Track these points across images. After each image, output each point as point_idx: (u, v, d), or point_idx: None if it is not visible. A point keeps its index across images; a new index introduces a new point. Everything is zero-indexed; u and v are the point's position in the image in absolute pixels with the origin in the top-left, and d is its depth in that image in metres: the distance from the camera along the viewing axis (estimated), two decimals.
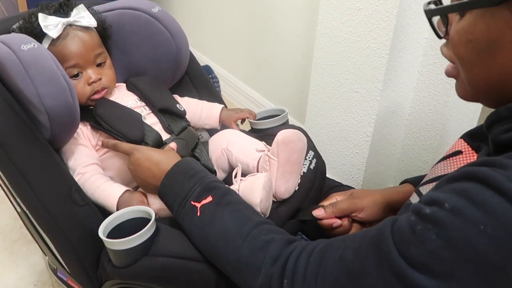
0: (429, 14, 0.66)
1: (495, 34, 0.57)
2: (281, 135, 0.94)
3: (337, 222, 0.93)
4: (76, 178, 1.01)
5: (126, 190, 0.99)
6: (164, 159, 0.93)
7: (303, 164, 1.03)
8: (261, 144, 1.05)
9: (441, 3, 0.65)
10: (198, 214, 0.82)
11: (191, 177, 0.87)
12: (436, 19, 0.66)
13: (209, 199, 0.83)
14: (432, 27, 0.67)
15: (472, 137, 0.78)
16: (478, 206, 0.51)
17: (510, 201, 0.49)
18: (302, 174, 1.01)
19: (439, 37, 0.66)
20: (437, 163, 0.80)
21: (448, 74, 0.69)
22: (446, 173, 0.74)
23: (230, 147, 1.10)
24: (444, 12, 0.64)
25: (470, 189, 0.52)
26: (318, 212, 0.94)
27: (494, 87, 0.61)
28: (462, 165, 0.70)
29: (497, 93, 0.61)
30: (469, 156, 0.74)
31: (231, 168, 1.12)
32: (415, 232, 0.54)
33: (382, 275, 0.56)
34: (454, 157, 0.77)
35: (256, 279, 0.72)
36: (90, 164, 1.03)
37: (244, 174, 0.97)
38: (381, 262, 0.57)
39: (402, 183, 1.03)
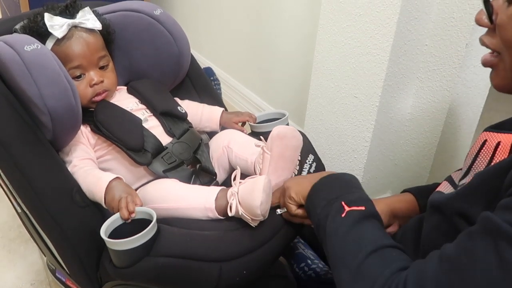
0: None
1: None
2: (276, 130, 0.95)
3: None
4: (70, 169, 1.01)
5: (116, 177, 0.97)
6: None
7: (303, 168, 1.04)
8: (260, 141, 1.05)
9: None
10: (343, 215, 0.79)
11: (352, 187, 0.86)
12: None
13: (361, 208, 0.80)
14: (487, 10, 0.69)
15: (494, 127, 0.79)
16: None
17: None
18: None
19: (491, 22, 0.69)
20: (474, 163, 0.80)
21: (486, 63, 0.71)
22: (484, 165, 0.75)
23: (231, 144, 1.11)
24: None
25: None
26: None
27: None
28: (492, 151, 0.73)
29: None
30: (494, 139, 0.75)
31: (231, 168, 1.13)
32: None
33: (498, 253, 0.57)
34: (482, 149, 0.77)
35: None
36: (86, 158, 1.04)
37: (243, 172, 0.98)
38: (490, 240, 0.58)
39: (403, 192, 1.04)
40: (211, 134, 1.25)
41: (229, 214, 0.90)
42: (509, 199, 0.59)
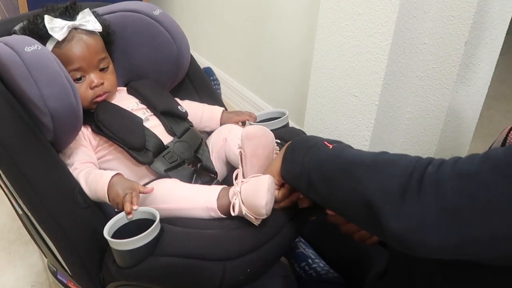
0: None
1: None
2: (245, 131, 0.95)
3: None
4: (72, 171, 1.01)
5: (117, 173, 0.97)
6: None
7: None
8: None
9: None
10: (330, 147, 0.82)
11: (323, 138, 0.88)
12: None
13: (343, 145, 0.84)
14: None
15: None
16: None
17: None
18: None
19: None
20: None
21: None
22: None
23: (229, 137, 1.12)
24: None
25: None
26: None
27: None
28: None
29: None
30: None
31: (229, 164, 1.13)
32: None
33: None
34: (509, 137, 0.78)
35: (396, 170, 0.66)
36: (88, 161, 1.04)
37: (236, 167, 0.98)
38: None
39: None
40: (211, 134, 1.25)
41: (232, 214, 0.90)
42: None
